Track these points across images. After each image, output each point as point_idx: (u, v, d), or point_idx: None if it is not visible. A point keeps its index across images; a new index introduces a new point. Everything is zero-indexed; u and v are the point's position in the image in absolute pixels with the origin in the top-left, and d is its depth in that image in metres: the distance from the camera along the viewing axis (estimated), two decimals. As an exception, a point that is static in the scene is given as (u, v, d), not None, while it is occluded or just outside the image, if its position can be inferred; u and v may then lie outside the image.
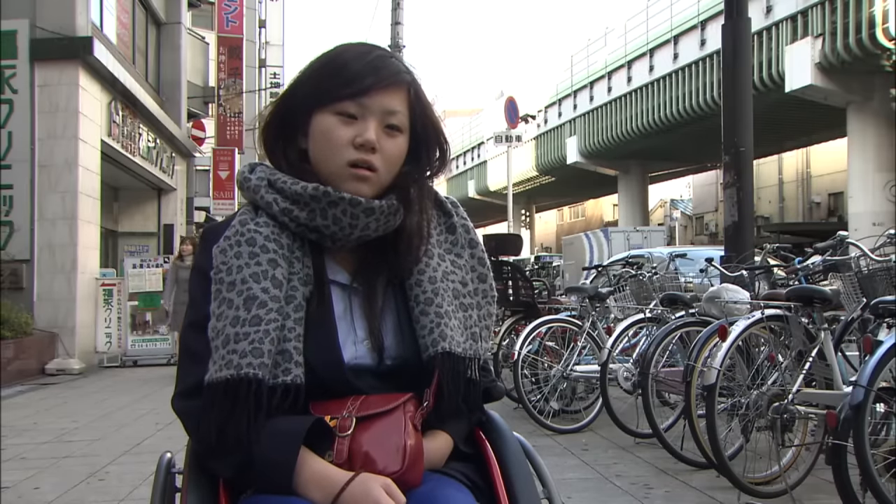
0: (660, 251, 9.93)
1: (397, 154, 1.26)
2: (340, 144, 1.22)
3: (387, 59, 1.26)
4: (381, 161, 1.23)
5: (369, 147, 1.22)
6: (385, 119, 1.24)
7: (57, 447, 4.95)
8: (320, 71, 1.26)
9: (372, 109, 1.23)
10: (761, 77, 21.65)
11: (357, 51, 1.26)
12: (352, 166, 1.22)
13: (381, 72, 1.23)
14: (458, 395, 1.25)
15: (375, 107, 1.23)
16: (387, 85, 1.23)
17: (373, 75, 1.23)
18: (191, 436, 1.22)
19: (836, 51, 19.41)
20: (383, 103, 1.23)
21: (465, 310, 1.31)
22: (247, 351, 1.14)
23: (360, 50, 1.26)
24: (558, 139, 35.98)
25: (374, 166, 1.23)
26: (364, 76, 1.22)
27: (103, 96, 10.90)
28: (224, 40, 19.08)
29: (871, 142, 20.62)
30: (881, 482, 2.85)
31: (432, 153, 1.32)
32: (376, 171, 1.23)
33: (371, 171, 1.23)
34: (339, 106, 1.22)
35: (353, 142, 1.22)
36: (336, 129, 1.22)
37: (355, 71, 1.23)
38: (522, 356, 5.21)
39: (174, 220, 15.15)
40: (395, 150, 1.25)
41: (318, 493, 1.11)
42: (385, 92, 1.23)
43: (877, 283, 3.73)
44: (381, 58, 1.26)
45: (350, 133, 1.22)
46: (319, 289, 1.24)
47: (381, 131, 1.23)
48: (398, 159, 1.27)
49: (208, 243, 1.25)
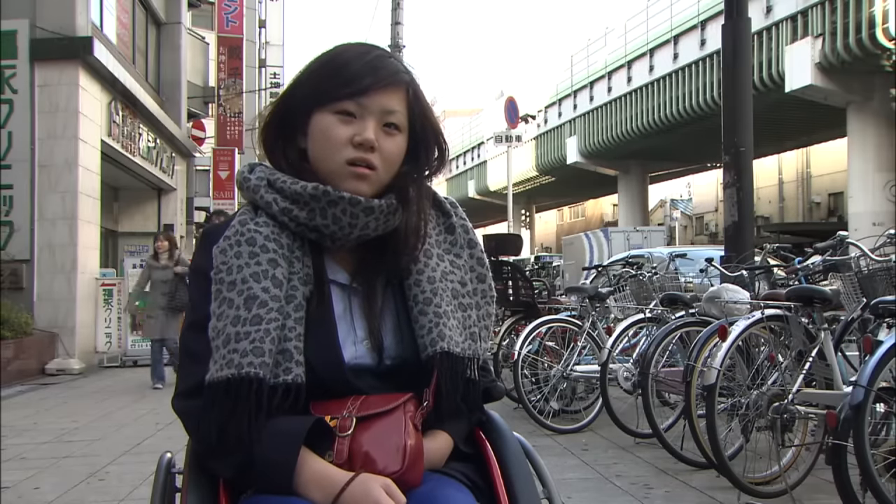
0: (660, 251, 9.94)
1: (396, 153, 1.27)
2: (339, 143, 1.22)
3: (386, 59, 1.26)
4: (379, 160, 1.24)
5: (368, 146, 1.22)
6: (384, 118, 1.24)
7: (57, 447, 4.95)
8: (319, 71, 1.26)
9: (371, 109, 1.23)
10: (761, 77, 21.65)
11: (356, 51, 1.27)
12: (351, 164, 1.23)
13: (380, 72, 1.24)
14: (457, 394, 1.25)
15: (374, 106, 1.23)
16: (386, 85, 1.24)
17: (372, 75, 1.23)
18: (191, 436, 1.22)
19: (836, 51, 19.41)
20: (382, 103, 1.24)
21: (464, 310, 1.31)
22: (248, 350, 1.14)
23: (359, 50, 1.27)
24: (558, 139, 35.98)
25: (373, 165, 1.23)
26: (363, 76, 1.23)
27: (103, 96, 10.90)
28: (224, 40, 19.10)
29: (871, 142, 20.62)
30: (881, 482, 2.85)
31: (431, 153, 1.33)
32: (375, 169, 1.24)
33: (370, 169, 1.23)
34: (338, 105, 1.23)
35: (351, 140, 1.22)
36: (335, 127, 1.23)
37: (354, 71, 1.23)
38: (522, 356, 5.21)
39: (174, 220, 15.14)
40: (393, 149, 1.26)
41: (319, 493, 1.11)
42: (384, 91, 1.24)
43: (877, 283, 3.73)
44: (380, 58, 1.26)
45: (349, 132, 1.22)
46: (319, 288, 1.25)
47: (379, 130, 1.24)
48: (397, 158, 1.27)
49: (208, 244, 1.25)
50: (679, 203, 46.46)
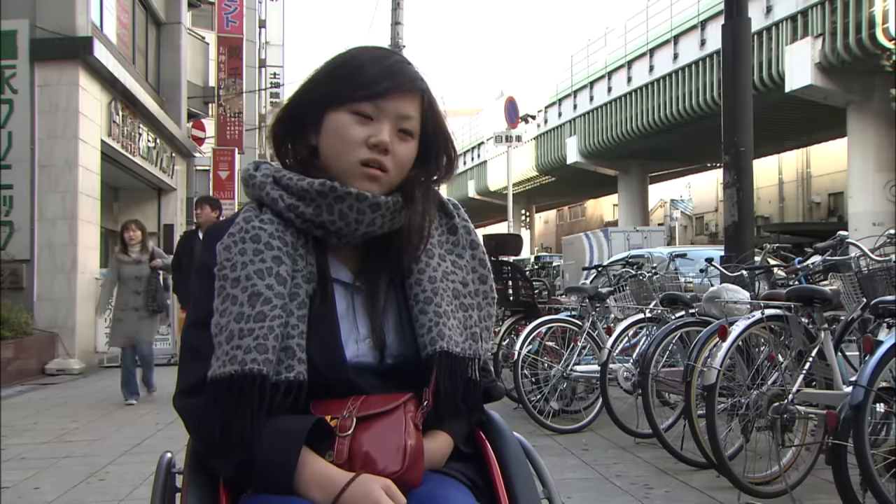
0: (660, 251, 9.94)
1: (408, 158, 1.28)
2: (354, 143, 1.23)
3: (404, 66, 1.28)
4: (392, 163, 1.25)
5: (383, 148, 1.23)
6: (399, 123, 1.25)
7: (57, 447, 4.95)
8: (335, 72, 1.27)
9: (387, 112, 1.24)
10: (761, 77, 21.65)
11: (374, 54, 1.28)
12: (364, 165, 1.23)
13: (399, 77, 1.25)
14: (457, 394, 1.25)
15: (391, 110, 1.24)
16: (404, 90, 1.25)
17: (390, 79, 1.24)
18: (192, 434, 1.22)
19: (836, 51, 19.41)
20: (398, 108, 1.25)
21: (465, 310, 1.31)
22: (251, 347, 1.15)
23: (377, 53, 1.28)
24: (558, 139, 35.98)
25: (386, 167, 1.24)
26: (381, 80, 1.24)
27: (103, 96, 10.90)
28: (224, 40, 19.08)
29: (871, 142, 20.62)
30: (881, 482, 2.85)
31: (440, 160, 1.34)
32: (387, 172, 1.25)
33: (382, 171, 1.24)
34: (354, 106, 1.24)
35: (367, 141, 1.23)
36: (351, 127, 1.24)
37: (373, 74, 1.24)
38: (522, 356, 5.21)
39: (174, 220, 15.14)
40: (406, 153, 1.27)
41: (319, 493, 1.12)
42: (401, 97, 1.25)
43: (877, 283, 3.73)
44: (399, 63, 1.28)
45: (365, 132, 1.23)
46: (323, 286, 1.25)
47: (394, 134, 1.25)
48: (408, 163, 1.28)
49: (212, 241, 1.26)
50: (679, 203, 46.48)
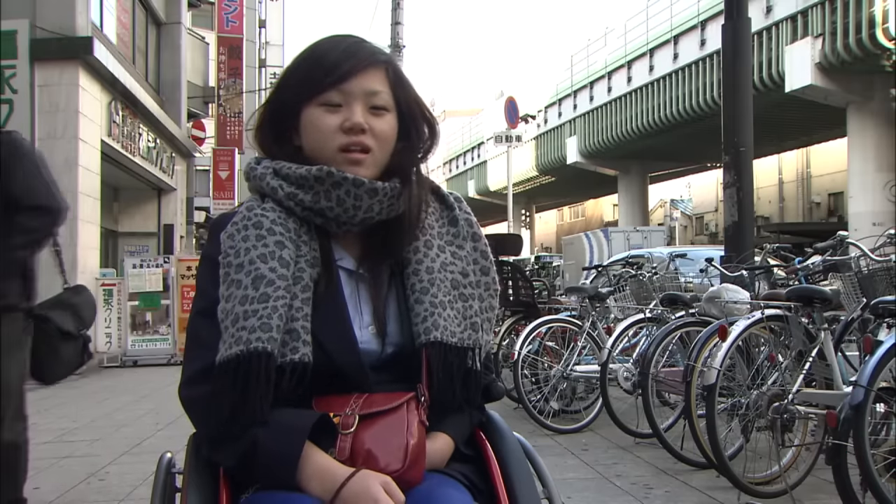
0: (660, 251, 9.92)
1: (388, 131, 1.29)
2: (330, 132, 1.25)
3: (361, 44, 1.30)
4: (372, 140, 1.26)
5: (358, 129, 1.25)
6: (369, 100, 1.27)
7: (57, 447, 4.94)
8: (299, 67, 1.30)
9: (354, 94, 1.26)
10: (761, 77, 21.64)
11: (331, 41, 1.30)
12: (344, 151, 1.25)
13: (357, 55, 1.27)
14: (453, 385, 1.26)
15: (357, 90, 1.26)
16: (364, 67, 1.27)
17: (349, 60, 1.26)
18: (197, 424, 1.22)
19: (836, 51, 19.40)
20: (364, 85, 1.26)
21: (465, 300, 1.32)
22: (255, 326, 1.16)
23: (334, 40, 1.31)
24: (558, 139, 35.97)
25: (367, 146, 1.26)
26: (341, 63, 1.26)
27: (103, 96, 10.90)
28: (224, 40, 19.08)
29: (871, 142, 20.61)
30: (881, 482, 2.85)
31: (421, 129, 1.34)
32: (370, 151, 1.26)
33: (364, 153, 1.26)
34: (322, 97, 1.26)
35: (341, 127, 1.25)
36: (323, 117, 1.26)
37: (333, 60, 1.26)
38: (522, 356, 5.21)
39: (174, 220, 15.15)
40: (384, 127, 1.28)
41: (319, 487, 1.12)
42: (364, 74, 1.27)
43: (877, 283, 3.73)
44: (356, 43, 1.30)
45: (337, 120, 1.25)
46: (327, 271, 1.26)
47: (367, 113, 1.26)
48: (390, 137, 1.29)
49: (216, 232, 1.27)
50: (679, 203, 46.49)
